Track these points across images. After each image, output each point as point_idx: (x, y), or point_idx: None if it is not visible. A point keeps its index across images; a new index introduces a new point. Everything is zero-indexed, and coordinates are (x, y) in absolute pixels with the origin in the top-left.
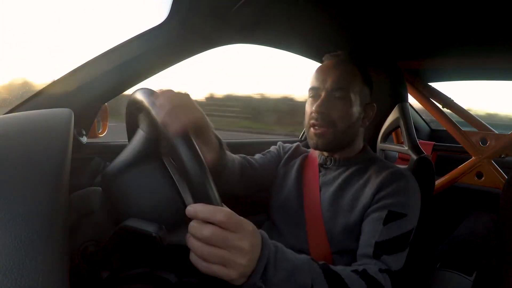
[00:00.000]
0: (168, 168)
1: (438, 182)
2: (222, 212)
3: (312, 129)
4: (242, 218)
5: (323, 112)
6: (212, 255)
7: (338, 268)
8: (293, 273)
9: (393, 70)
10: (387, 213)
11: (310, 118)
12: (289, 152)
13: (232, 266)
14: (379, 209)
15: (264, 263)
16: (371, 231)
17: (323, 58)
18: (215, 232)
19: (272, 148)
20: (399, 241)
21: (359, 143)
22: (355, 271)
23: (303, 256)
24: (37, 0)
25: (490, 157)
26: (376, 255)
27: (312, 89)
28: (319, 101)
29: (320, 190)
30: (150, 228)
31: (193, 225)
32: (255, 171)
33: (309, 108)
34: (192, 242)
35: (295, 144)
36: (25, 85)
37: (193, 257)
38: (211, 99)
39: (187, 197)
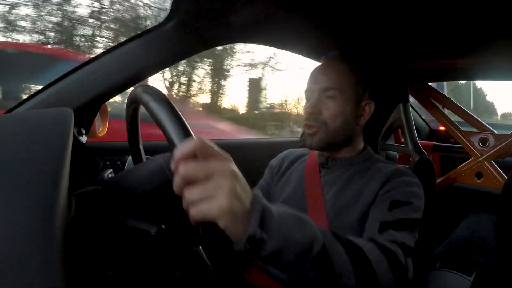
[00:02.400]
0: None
1: (438, 182)
2: (190, 141)
3: (306, 129)
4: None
5: (314, 112)
6: (196, 192)
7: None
8: (300, 223)
9: (394, 70)
10: (391, 201)
11: (305, 119)
12: (283, 165)
13: (219, 192)
14: (383, 200)
15: (260, 208)
16: (375, 216)
17: (321, 60)
18: (188, 165)
19: (265, 174)
20: (405, 223)
21: (359, 143)
22: (362, 239)
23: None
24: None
25: (490, 157)
26: (381, 230)
27: (307, 90)
28: (310, 102)
29: (323, 191)
30: (150, 228)
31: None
32: None
33: (304, 110)
34: (182, 195)
35: (286, 152)
36: None
37: (188, 210)
38: None
39: None
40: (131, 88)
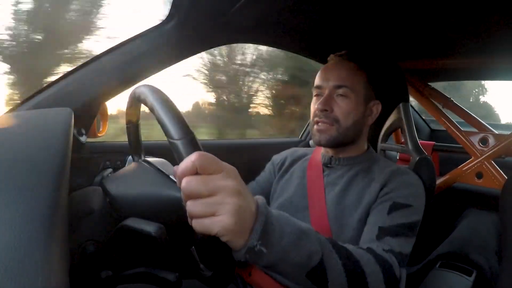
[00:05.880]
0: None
1: (438, 182)
2: (193, 155)
3: (315, 125)
4: (219, 159)
5: (326, 110)
6: (198, 206)
7: (344, 244)
8: (301, 238)
9: (394, 70)
10: (391, 203)
11: (314, 116)
12: (285, 163)
13: (223, 209)
14: (383, 202)
15: (262, 222)
16: (375, 220)
17: (328, 58)
18: (189, 180)
19: (266, 168)
20: (404, 228)
21: (364, 143)
22: (361, 248)
23: (308, 225)
24: None
25: (490, 157)
26: (379, 237)
27: (316, 87)
28: (322, 99)
29: (325, 190)
30: (150, 228)
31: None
32: None
33: (313, 106)
34: (186, 206)
35: (290, 150)
36: None
37: (191, 222)
38: None
39: None
40: (131, 88)
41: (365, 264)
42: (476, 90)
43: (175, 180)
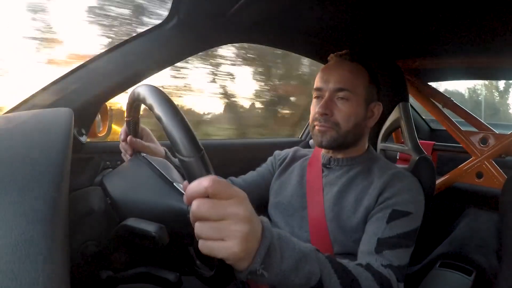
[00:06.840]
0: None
1: (438, 182)
2: (206, 180)
3: (316, 127)
4: (232, 184)
5: (326, 114)
6: (207, 230)
7: (343, 261)
8: (301, 260)
9: (393, 69)
10: (391, 211)
11: (314, 119)
12: (286, 159)
13: (231, 236)
14: (382, 209)
15: (266, 247)
16: (374, 229)
17: (328, 58)
18: (200, 204)
19: (268, 161)
20: (403, 238)
21: (364, 144)
22: (359, 265)
23: (308, 244)
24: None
25: (490, 157)
26: (378, 250)
27: (316, 89)
28: (322, 102)
29: (323, 191)
30: (150, 228)
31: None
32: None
33: (313, 109)
34: (194, 226)
35: (293, 149)
36: None
37: (198, 242)
38: None
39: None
40: (131, 88)
41: (363, 282)
42: (502, 108)
43: (181, 190)
